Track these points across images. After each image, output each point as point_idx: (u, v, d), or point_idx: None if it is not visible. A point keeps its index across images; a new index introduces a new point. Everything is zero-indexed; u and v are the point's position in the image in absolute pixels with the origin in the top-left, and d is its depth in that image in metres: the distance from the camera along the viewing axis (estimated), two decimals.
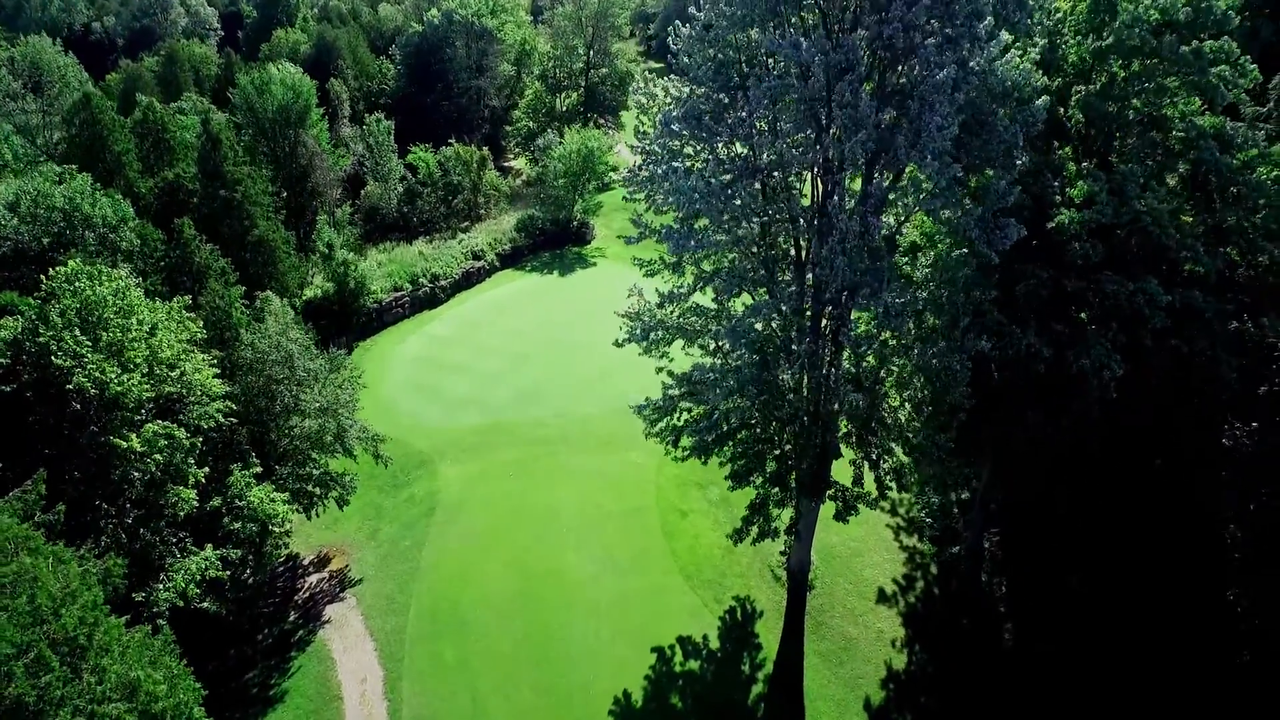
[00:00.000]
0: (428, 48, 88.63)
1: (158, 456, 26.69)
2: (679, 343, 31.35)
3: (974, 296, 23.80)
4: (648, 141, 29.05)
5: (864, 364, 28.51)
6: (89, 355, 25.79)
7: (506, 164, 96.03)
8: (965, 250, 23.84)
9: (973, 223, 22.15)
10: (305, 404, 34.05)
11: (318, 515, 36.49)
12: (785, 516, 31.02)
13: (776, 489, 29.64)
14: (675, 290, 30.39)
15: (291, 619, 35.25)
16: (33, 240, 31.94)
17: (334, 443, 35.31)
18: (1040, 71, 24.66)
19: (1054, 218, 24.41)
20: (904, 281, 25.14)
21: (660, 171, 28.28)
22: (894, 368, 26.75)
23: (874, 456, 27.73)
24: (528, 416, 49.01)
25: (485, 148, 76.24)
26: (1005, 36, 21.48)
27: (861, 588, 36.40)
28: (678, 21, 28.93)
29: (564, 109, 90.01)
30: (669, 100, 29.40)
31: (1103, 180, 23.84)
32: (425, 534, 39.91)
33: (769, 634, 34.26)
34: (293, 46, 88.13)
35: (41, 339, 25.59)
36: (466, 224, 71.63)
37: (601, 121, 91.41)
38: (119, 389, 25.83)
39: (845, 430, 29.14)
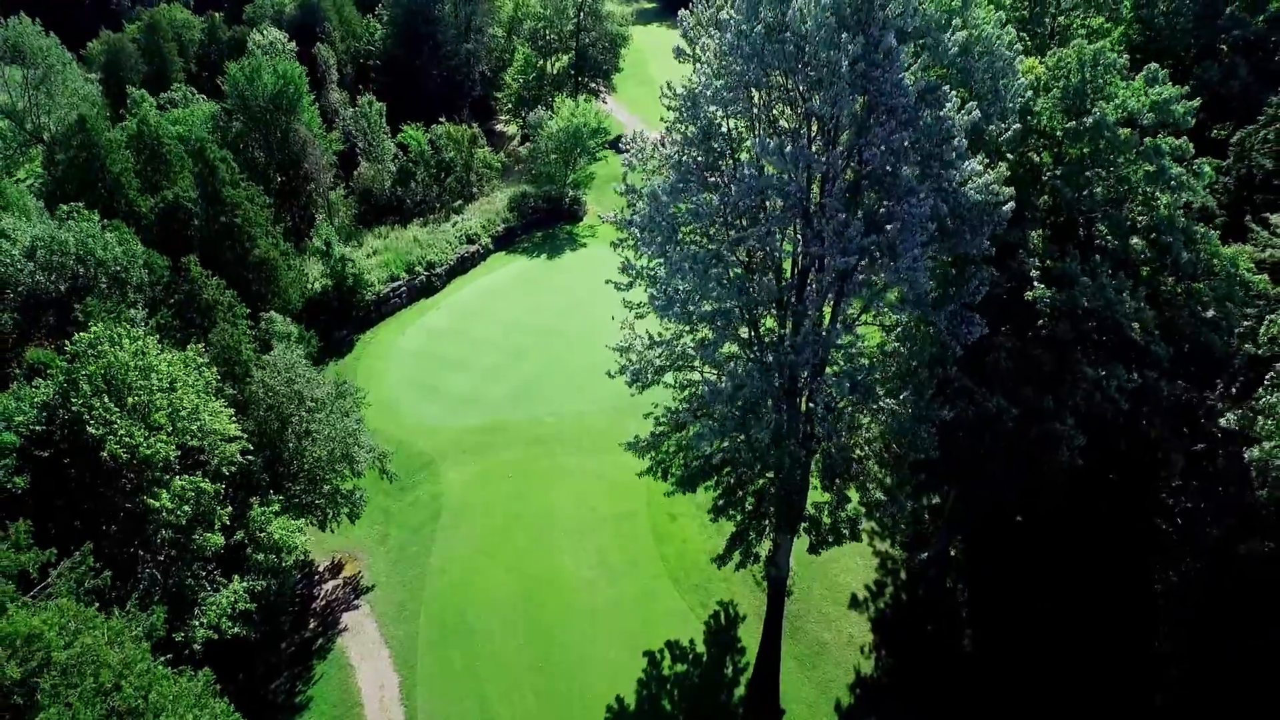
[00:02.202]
0: (416, 7, 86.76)
1: (186, 508, 28.97)
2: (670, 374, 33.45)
3: (936, 372, 25.77)
4: (637, 198, 30.46)
5: (838, 407, 30.71)
6: (119, 421, 27.74)
7: (497, 127, 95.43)
8: (930, 331, 25.67)
9: (943, 318, 23.96)
10: (315, 431, 36.17)
11: (332, 531, 39.09)
12: (765, 545, 33.74)
13: (754, 523, 32.23)
14: (662, 337, 32.33)
15: (311, 627, 38.29)
16: (51, 287, 33.30)
17: (344, 465, 37.56)
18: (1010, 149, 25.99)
19: (1029, 293, 26.03)
20: (871, 362, 26.99)
21: (652, 229, 29.73)
22: (862, 423, 28.90)
23: (836, 502, 30.27)
24: (525, 415, 51.27)
25: (475, 125, 76.01)
26: (974, 164, 22.75)
27: (836, 593, 39.54)
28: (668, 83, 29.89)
29: (555, 72, 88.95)
30: (658, 158, 30.58)
31: (1077, 258, 25.47)
32: (431, 539, 42.71)
33: (750, 638, 37.48)
34: (277, 8, 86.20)
35: (74, 407, 27.48)
36: (459, 202, 72.15)
37: (593, 85, 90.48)
38: (148, 452, 27.89)
39: (819, 469, 31.53)
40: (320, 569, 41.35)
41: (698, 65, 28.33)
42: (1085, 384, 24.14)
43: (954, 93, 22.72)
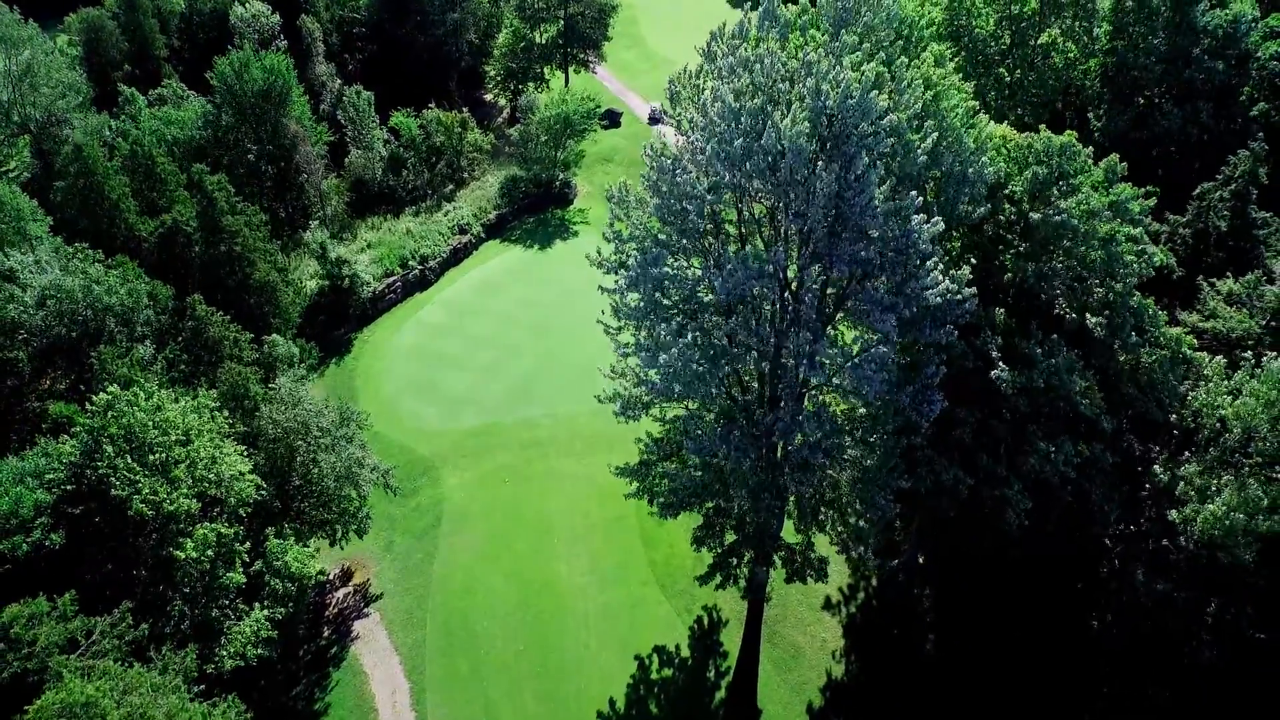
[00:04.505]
0: None
1: (209, 553, 31.40)
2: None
3: (900, 442, 28.02)
4: (624, 241, 32.06)
5: (808, 464, 33.08)
6: (142, 480, 29.84)
7: (486, 97, 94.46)
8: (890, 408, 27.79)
9: (906, 398, 26.06)
10: (322, 461, 38.38)
11: (341, 547, 41.72)
12: (745, 569, 36.58)
13: (733, 555, 34.95)
14: (648, 376, 34.33)
15: (325, 635, 41.31)
16: (64, 332, 34.76)
17: (350, 488, 39.89)
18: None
19: (991, 371, 28.00)
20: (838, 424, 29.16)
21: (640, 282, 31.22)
22: (830, 478, 31.29)
23: (805, 544, 32.95)
24: (520, 417, 53.48)
25: (465, 108, 75.72)
26: (937, 274, 24.37)
27: (811, 598, 42.69)
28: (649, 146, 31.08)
29: (543, 42, 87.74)
30: (643, 212, 32.00)
31: (1038, 336, 27.42)
32: (435, 546, 45.48)
33: (731, 642, 40.74)
34: None
35: (100, 469, 29.53)
36: (451, 187, 72.60)
37: (582, 56, 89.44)
38: (171, 508, 30.12)
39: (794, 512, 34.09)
40: (331, 576, 44.12)
41: (678, 132, 29.54)
42: (1036, 456, 26.45)
43: (919, 196, 24.20)
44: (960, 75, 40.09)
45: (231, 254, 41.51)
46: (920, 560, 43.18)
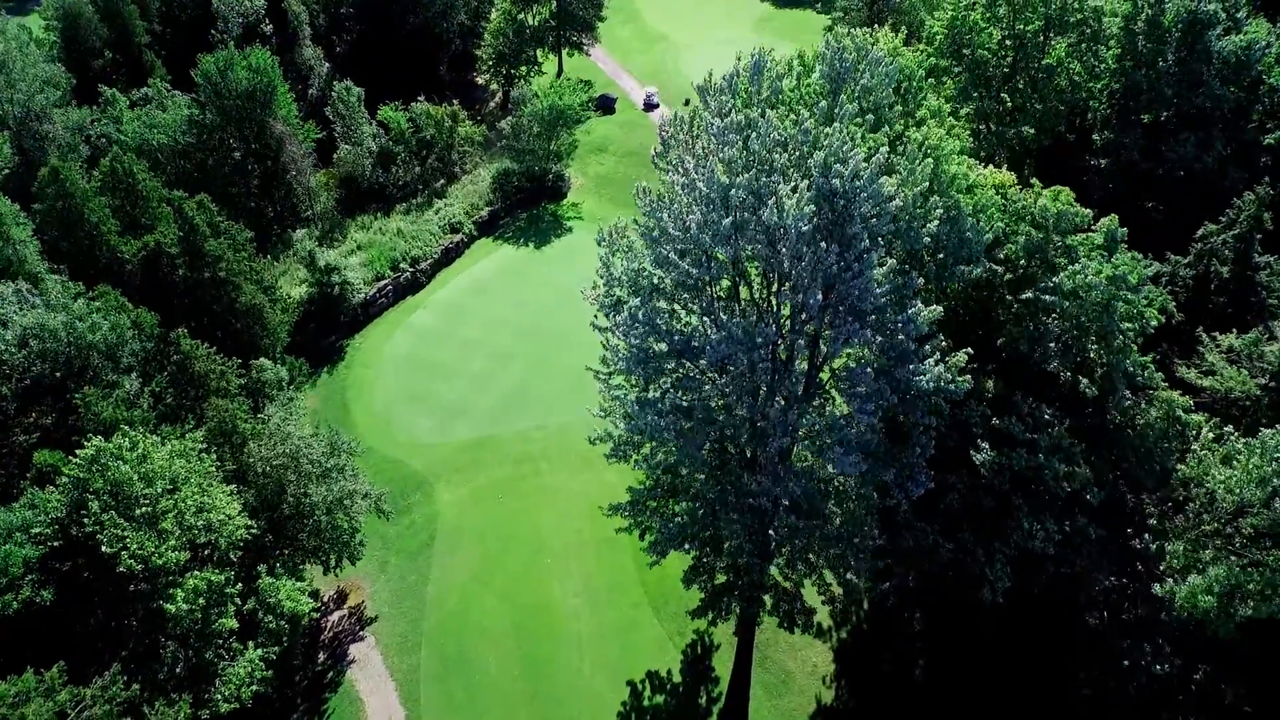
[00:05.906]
0: None
1: (200, 601, 31.40)
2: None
3: (875, 503, 27.85)
4: (618, 286, 31.52)
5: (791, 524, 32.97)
6: (130, 535, 29.67)
7: (478, 80, 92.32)
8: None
9: (891, 478, 25.79)
10: (313, 493, 38.24)
11: (336, 575, 41.82)
12: (737, 604, 36.74)
13: (724, 595, 35.05)
14: (641, 422, 34.02)
15: (321, 660, 41.67)
16: (47, 371, 34.20)
17: (342, 518, 39.83)
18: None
19: (975, 455, 27.62)
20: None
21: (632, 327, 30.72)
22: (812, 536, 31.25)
23: (792, 595, 33.05)
24: (513, 429, 53.24)
25: (455, 99, 73.89)
26: (931, 362, 23.81)
27: None
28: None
29: (535, 24, 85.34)
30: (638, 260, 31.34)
31: (1022, 410, 27.04)
32: (428, 566, 45.64)
33: (723, 666, 41.15)
34: None
35: (87, 527, 29.34)
36: (442, 182, 71.26)
37: (575, 38, 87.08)
38: (160, 561, 30.00)
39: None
40: (325, 598, 44.37)
41: (673, 175, 28.71)
42: (1019, 532, 26.30)
43: (920, 276, 23.61)
44: (959, 96, 39.05)
45: (216, 279, 40.78)
46: (911, 584, 43.37)
